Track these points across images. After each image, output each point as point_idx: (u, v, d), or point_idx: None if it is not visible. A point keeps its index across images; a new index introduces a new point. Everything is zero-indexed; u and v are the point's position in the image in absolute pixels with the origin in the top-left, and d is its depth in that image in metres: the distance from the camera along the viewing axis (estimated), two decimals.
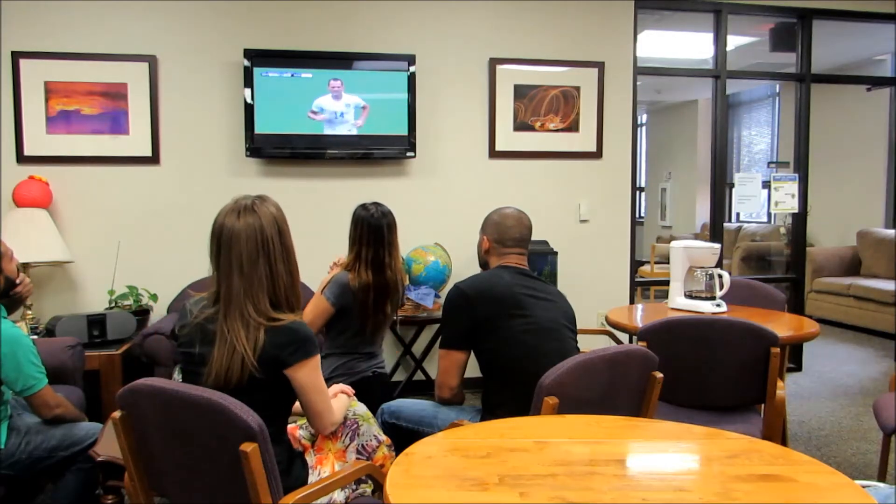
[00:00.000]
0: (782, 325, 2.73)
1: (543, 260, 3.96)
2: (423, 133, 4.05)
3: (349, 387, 2.08)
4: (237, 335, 1.58)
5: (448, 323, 2.25)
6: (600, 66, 4.27)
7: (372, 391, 2.62)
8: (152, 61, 3.76)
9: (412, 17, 4.06)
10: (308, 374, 1.63)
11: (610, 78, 4.30)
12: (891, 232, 6.35)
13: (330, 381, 2.59)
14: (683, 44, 5.94)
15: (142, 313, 3.57)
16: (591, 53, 4.27)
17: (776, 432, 2.35)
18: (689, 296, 3.09)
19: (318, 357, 1.66)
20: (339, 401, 1.88)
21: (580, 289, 4.11)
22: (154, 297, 3.68)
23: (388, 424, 2.31)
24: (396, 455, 1.54)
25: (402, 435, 2.21)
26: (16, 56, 3.61)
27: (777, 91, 8.19)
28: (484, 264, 2.41)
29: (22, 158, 3.65)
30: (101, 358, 3.17)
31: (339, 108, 3.89)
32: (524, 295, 2.17)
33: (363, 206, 2.71)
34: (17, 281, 2.31)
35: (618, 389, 1.79)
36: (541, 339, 2.13)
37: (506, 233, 2.31)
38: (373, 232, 2.65)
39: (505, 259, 2.30)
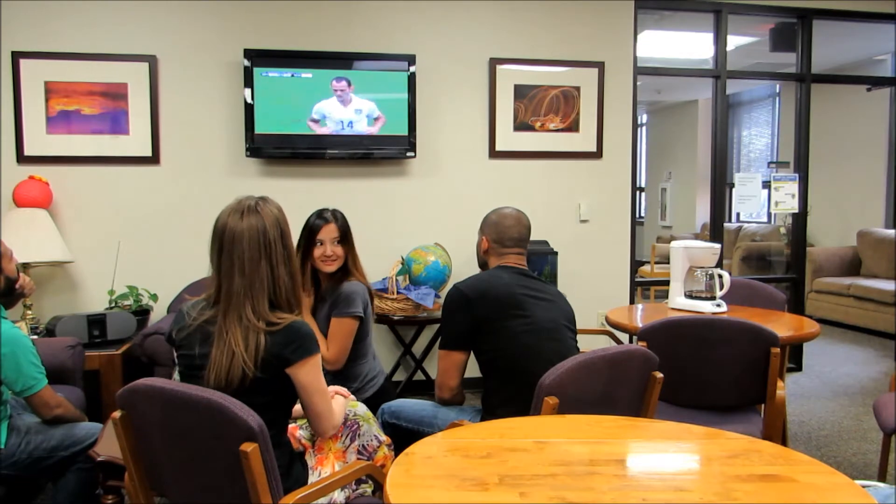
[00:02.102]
0: (782, 325, 2.73)
1: (543, 260, 3.96)
2: (424, 133, 4.05)
3: (344, 388, 2.08)
4: (234, 336, 1.58)
5: (447, 323, 2.24)
6: (600, 66, 4.27)
7: (380, 391, 2.63)
8: (152, 61, 3.76)
9: (412, 17, 4.06)
10: (309, 372, 1.63)
11: (610, 78, 4.30)
12: (891, 232, 6.35)
13: (365, 387, 2.59)
14: (683, 44, 5.94)
15: (142, 313, 3.56)
16: (591, 53, 4.27)
17: (776, 432, 2.35)
18: (689, 296, 3.09)
19: (319, 356, 1.66)
20: (338, 403, 1.87)
21: (580, 289, 4.11)
22: (154, 297, 3.68)
23: (389, 424, 2.31)
24: (396, 455, 1.54)
25: (402, 435, 2.21)
26: (16, 56, 3.61)
27: (777, 91, 8.19)
28: (483, 264, 2.40)
29: (22, 158, 3.65)
30: (101, 358, 3.17)
31: (348, 115, 3.87)
32: (524, 295, 2.17)
33: (333, 212, 2.62)
34: (18, 285, 2.31)
35: (618, 389, 1.79)
36: (540, 339, 2.12)
37: (504, 233, 2.30)
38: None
39: (504, 259, 2.30)
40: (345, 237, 2.57)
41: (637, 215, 4.95)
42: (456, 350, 2.20)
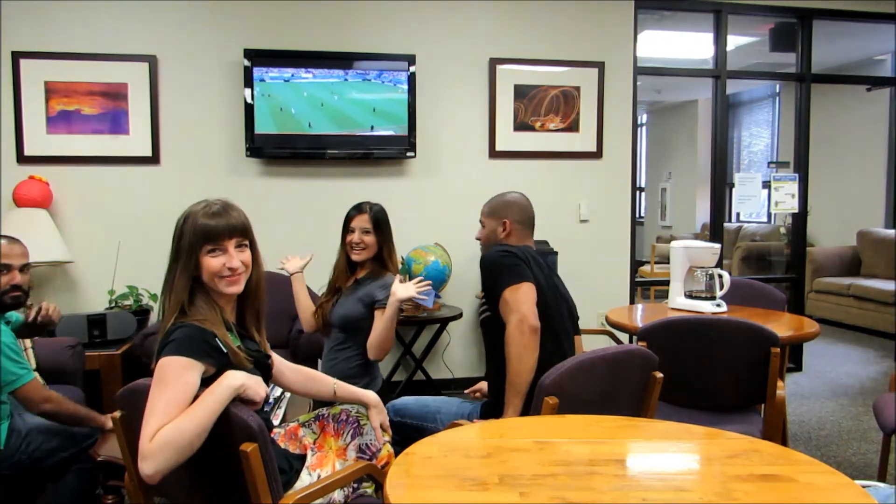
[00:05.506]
0: (782, 325, 2.73)
1: (543, 260, 3.95)
2: (423, 133, 4.05)
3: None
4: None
5: (503, 264, 2.04)
6: (600, 66, 4.27)
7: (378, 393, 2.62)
8: (152, 61, 3.76)
9: (412, 17, 4.06)
10: (156, 372, 1.46)
11: (610, 78, 4.30)
12: (891, 232, 6.35)
13: (368, 386, 2.57)
14: (683, 44, 5.94)
15: (142, 313, 3.57)
16: (591, 53, 4.27)
17: (776, 432, 2.35)
18: (689, 296, 3.09)
19: (175, 362, 1.44)
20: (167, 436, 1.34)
21: (580, 289, 4.07)
22: (154, 297, 3.68)
23: (393, 422, 2.29)
24: (397, 454, 1.54)
25: (407, 431, 2.21)
26: (16, 56, 3.61)
27: (777, 91, 8.19)
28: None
29: (22, 158, 3.65)
30: (101, 358, 3.17)
31: (348, 115, 3.87)
32: (554, 292, 2.14)
33: (371, 204, 2.62)
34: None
35: (618, 389, 1.79)
36: (556, 345, 2.10)
37: (529, 213, 2.28)
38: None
39: (527, 242, 2.27)
40: (377, 228, 2.58)
41: (637, 215, 4.95)
42: (526, 281, 1.98)
